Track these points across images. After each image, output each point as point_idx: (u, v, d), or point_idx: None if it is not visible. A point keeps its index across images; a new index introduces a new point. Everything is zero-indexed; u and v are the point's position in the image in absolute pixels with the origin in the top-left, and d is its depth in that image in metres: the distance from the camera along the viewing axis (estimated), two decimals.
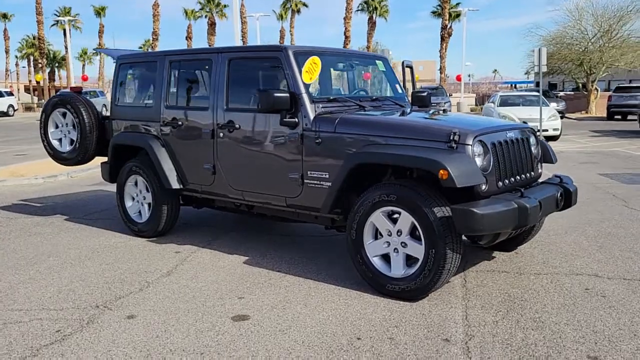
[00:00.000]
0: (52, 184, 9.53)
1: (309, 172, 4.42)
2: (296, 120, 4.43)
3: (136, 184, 5.78)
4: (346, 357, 3.09)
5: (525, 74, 37.91)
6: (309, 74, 4.57)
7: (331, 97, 4.67)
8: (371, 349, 3.19)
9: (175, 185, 5.34)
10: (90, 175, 10.42)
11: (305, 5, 50.69)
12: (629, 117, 25.16)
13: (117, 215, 6.66)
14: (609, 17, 27.47)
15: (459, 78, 39.04)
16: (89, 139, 6.16)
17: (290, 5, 49.82)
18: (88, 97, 8.14)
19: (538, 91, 16.32)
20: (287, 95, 4.36)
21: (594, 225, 5.94)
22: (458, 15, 41.56)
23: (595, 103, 29.56)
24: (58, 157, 6.45)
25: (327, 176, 4.32)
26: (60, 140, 6.46)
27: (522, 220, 3.72)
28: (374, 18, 46.12)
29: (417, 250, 3.82)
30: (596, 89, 29.77)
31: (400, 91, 5.48)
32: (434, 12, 45.73)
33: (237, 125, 4.82)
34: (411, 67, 5.97)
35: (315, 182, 4.40)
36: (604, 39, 27.77)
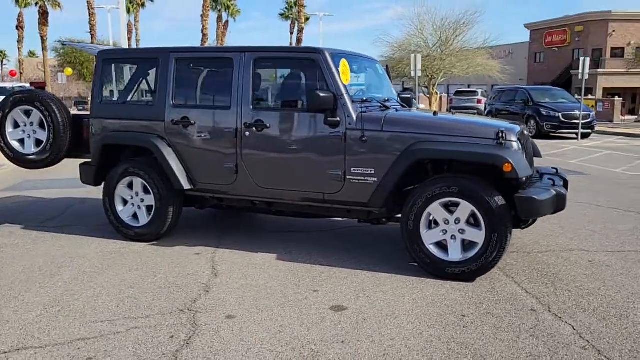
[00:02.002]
0: None
1: (352, 169, 4.67)
2: (338, 119, 4.65)
3: (129, 186, 5.50)
4: (471, 331, 3.47)
5: None
6: (345, 75, 4.83)
7: (364, 98, 4.95)
8: (482, 323, 3.60)
9: (186, 185, 5.22)
10: None
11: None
12: None
13: (80, 222, 6.31)
14: (446, 28, 30.59)
15: None
16: (63, 139, 5.71)
17: None
18: None
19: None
20: (332, 95, 4.58)
21: None
22: (308, 18, 43.16)
23: (435, 105, 32.72)
24: (21, 159, 5.86)
25: (373, 172, 4.61)
26: (22, 141, 5.86)
27: (560, 205, 4.40)
28: (225, 17, 45.93)
29: (476, 235, 4.30)
30: (436, 92, 32.93)
31: (394, 93, 5.92)
32: (282, 15, 46.85)
33: (267, 125, 4.89)
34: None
35: (359, 178, 4.66)
36: (442, 48, 30.85)
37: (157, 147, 5.22)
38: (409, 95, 6.06)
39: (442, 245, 4.46)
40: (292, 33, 47.10)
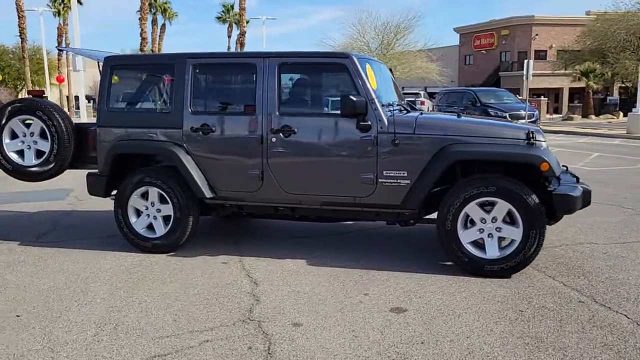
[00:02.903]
0: None
1: (384, 172, 4.73)
2: (370, 123, 4.70)
3: (144, 196, 5.31)
4: (536, 325, 3.60)
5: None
6: (372, 80, 4.89)
7: (389, 102, 5.02)
8: (543, 317, 3.74)
9: (208, 194, 5.11)
10: None
11: (79, 1, 46.49)
12: None
13: (79, 235, 6.08)
14: (387, 32, 31.31)
15: None
16: (67, 149, 5.45)
17: (63, 0, 45.31)
18: None
19: None
20: (364, 100, 4.63)
21: None
22: (247, 22, 42.92)
23: None
24: (21, 171, 5.54)
25: (406, 174, 4.69)
26: (20, 152, 5.54)
27: (587, 200, 4.63)
28: (161, 20, 44.85)
29: (513, 232, 4.46)
30: None
31: (401, 96, 6.03)
32: (219, 18, 46.31)
33: (295, 130, 4.87)
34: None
35: (391, 180, 4.73)
36: (384, 51, 31.54)
37: (177, 155, 5.08)
38: (413, 99, 6.21)
39: (477, 244, 4.60)
40: (229, 37, 46.78)
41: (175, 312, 3.88)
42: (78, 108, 30.84)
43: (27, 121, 5.50)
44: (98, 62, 5.58)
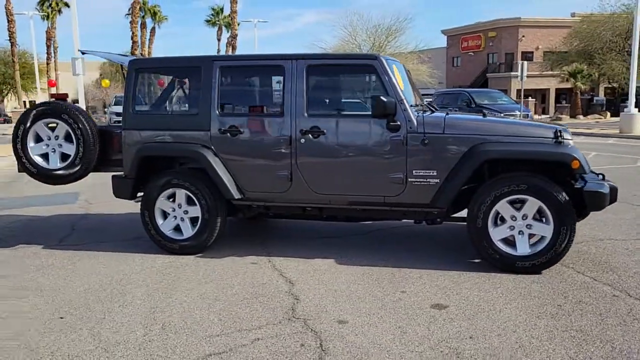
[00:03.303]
0: None
1: (413, 171, 4.79)
2: (399, 123, 4.77)
3: (170, 198, 5.33)
4: (578, 319, 3.68)
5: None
6: (399, 80, 4.96)
7: (416, 103, 5.09)
8: (583, 311, 3.82)
9: (236, 195, 5.14)
10: None
11: (66, 5, 46.33)
12: None
13: (100, 238, 6.07)
14: (379, 34, 31.49)
15: None
16: (93, 152, 5.45)
17: (51, 4, 45.01)
18: None
19: None
20: (394, 100, 4.70)
21: None
22: (238, 24, 42.92)
23: None
24: (46, 174, 5.52)
25: (435, 173, 4.76)
26: (45, 155, 5.53)
27: (614, 197, 4.73)
28: (151, 24, 44.68)
29: (544, 229, 4.54)
30: None
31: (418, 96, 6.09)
32: (208, 21, 46.25)
33: (323, 131, 4.91)
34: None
35: (421, 179, 4.79)
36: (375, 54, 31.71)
37: (205, 157, 5.10)
38: (431, 99, 6.28)
39: (507, 241, 4.67)
40: (219, 40, 46.77)
41: (219, 312, 3.90)
42: None
43: (51, 124, 5.49)
44: (122, 66, 5.59)
